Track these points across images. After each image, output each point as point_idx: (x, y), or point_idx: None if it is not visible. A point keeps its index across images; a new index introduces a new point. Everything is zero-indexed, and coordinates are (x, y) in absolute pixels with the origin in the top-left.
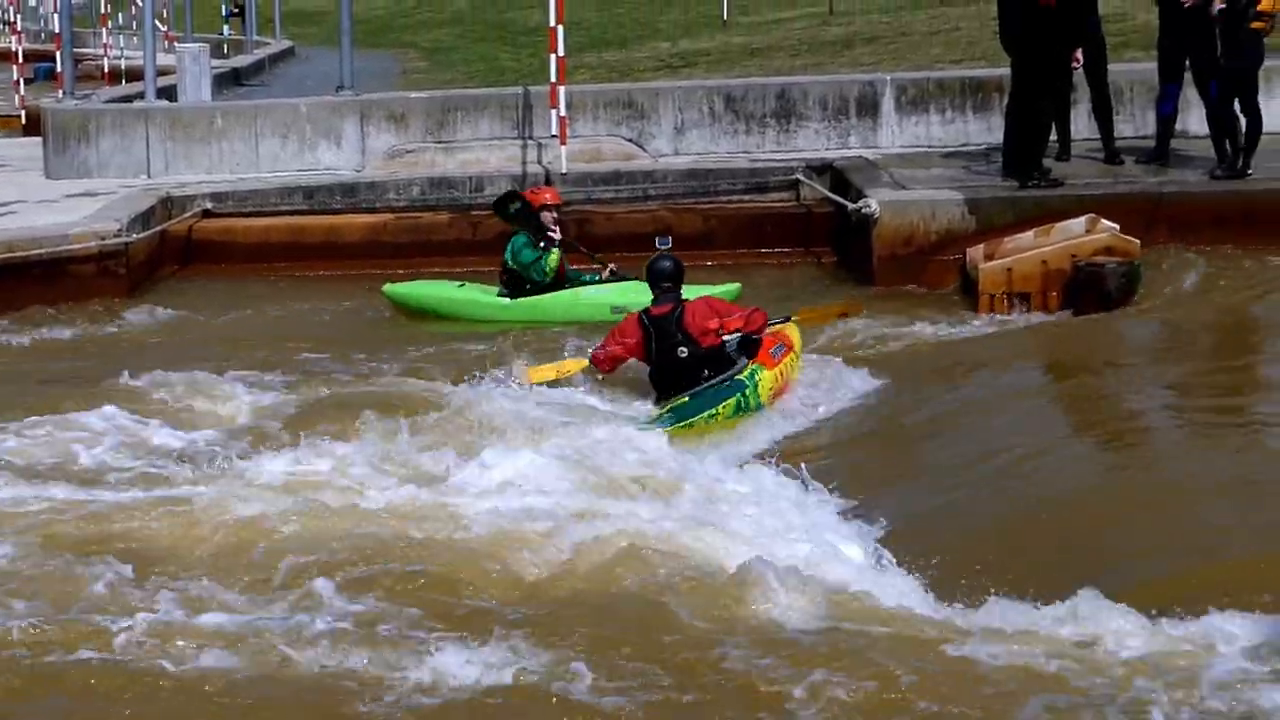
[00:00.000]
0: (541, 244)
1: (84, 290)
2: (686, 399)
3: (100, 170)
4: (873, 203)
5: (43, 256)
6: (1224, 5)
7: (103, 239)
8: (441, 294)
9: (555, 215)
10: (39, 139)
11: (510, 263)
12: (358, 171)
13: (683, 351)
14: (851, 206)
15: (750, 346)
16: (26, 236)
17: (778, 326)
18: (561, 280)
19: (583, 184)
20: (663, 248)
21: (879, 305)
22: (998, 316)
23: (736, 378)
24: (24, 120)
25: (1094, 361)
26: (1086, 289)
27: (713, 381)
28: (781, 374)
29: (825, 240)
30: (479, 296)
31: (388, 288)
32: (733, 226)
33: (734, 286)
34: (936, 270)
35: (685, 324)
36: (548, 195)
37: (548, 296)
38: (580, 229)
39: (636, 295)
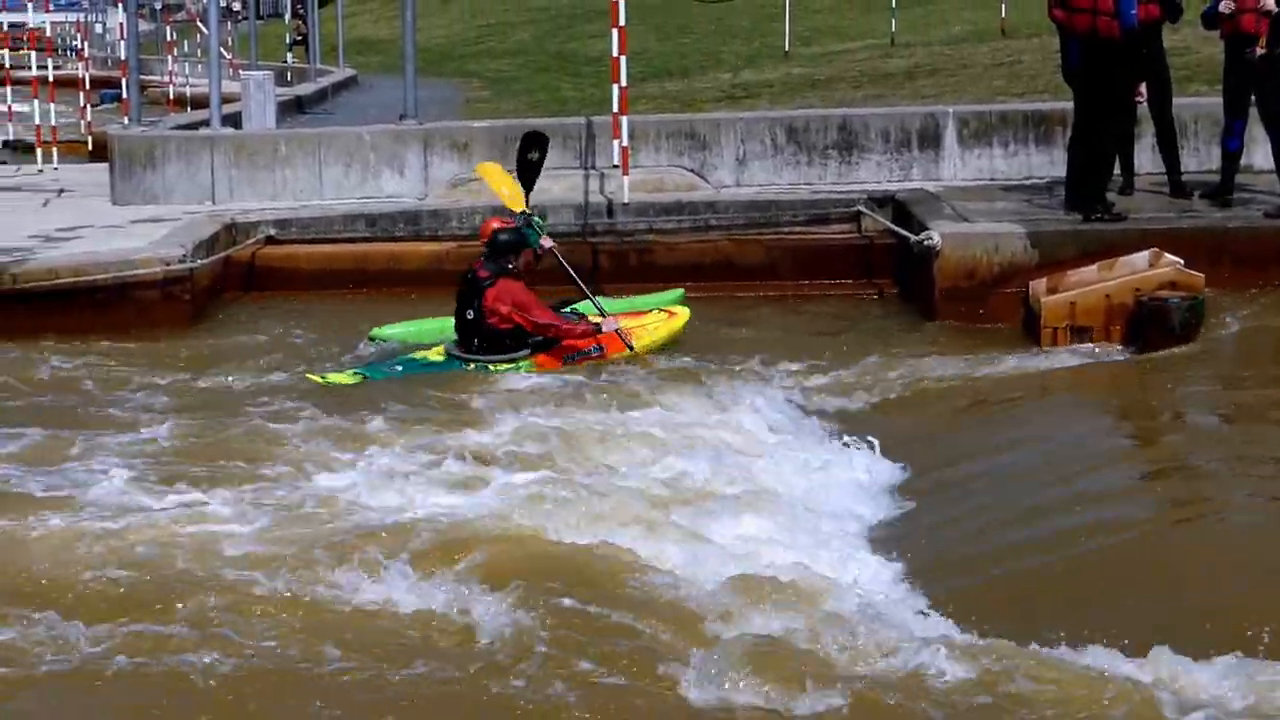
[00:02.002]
0: None
1: (148, 316)
2: (444, 359)
3: (166, 196)
4: (935, 235)
5: (108, 281)
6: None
7: (167, 265)
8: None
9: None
10: (105, 165)
11: None
12: (420, 199)
13: (469, 314)
14: (913, 239)
15: (546, 345)
16: (92, 261)
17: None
18: None
19: (644, 214)
20: (515, 224)
21: (940, 338)
22: (1060, 350)
23: (489, 364)
24: (90, 146)
25: (1157, 399)
26: (1150, 324)
27: (477, 357)
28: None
29: (887, 272)
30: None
31: (375, 331)
32: (794, 258)
33: (677, 292)
34: (998, 303)
35: (485, 293)
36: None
37: None
38: (641, 259)
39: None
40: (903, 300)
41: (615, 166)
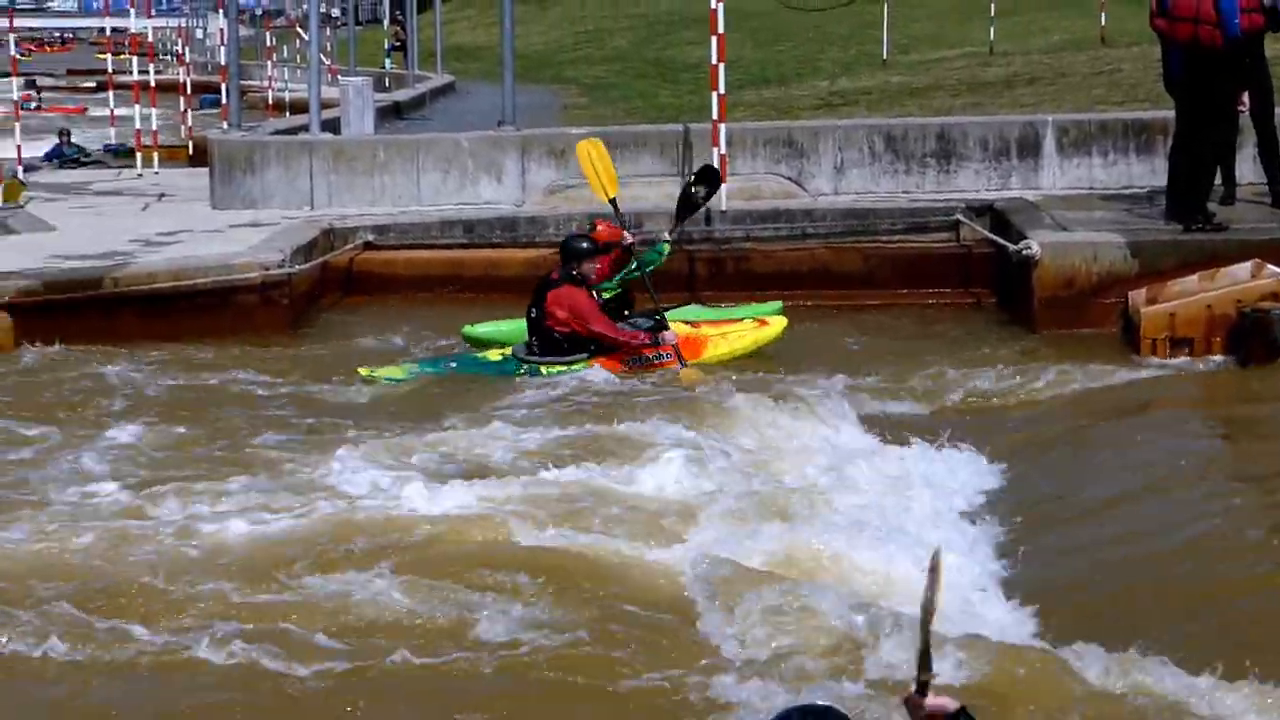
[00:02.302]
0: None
1: (247, 320)
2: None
3: (264, 201)
4: (1034, 244)
5: (207, 286)
6: None
7: (266, 269)
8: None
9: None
10: (204, 169)
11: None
12: (518, 206)
13: (532, 313)
14: (1012, 248)
15: (605, 353)
16: (192, 266)
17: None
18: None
19: (741, 222)
20: (584, 230)
21: (1038, 348)
22: (1159, 361)
23: (542, 366)
24: (190, 151)
25: (1259, 412)
26: (1252, 336)
27: (532, 359)
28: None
29: (985, 282)
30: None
31: (466, 329)
32: (892, 266)
33: (774, 305)
34: (1097, 313)
35: (547, 295)
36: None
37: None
38: (737, 267)
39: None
40: (1001, 310)
41: None
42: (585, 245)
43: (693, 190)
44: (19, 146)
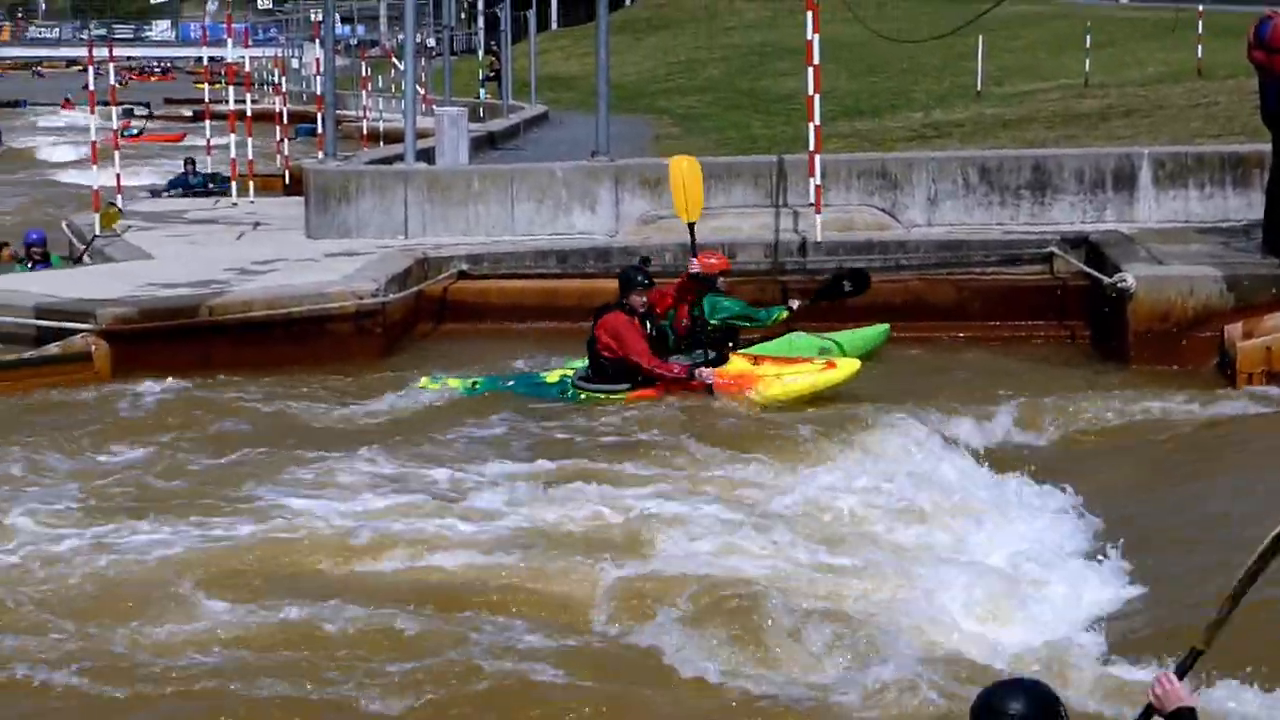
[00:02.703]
0: None
1: (341, 349)
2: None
3: (359, 230)
4: (1129, 277)
5: (302, 314)
6: None
7: (360, 298)
8: None
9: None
10: (300, 198)
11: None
12: (611, 236)
13: (590, 339)
14: (1107, 281)
15: (648, 384)
16: (287, 294)
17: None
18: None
19: (835, 253)
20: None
21: (1133, 381)
22: (1256, 394)
23: (585, 393)
24: (286, 180)
25: None
26: None
27: (582, 383)
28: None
29: (1079, 315)
30: None
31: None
32: (985, 299)
33: (882, 329)
34: (1193, 347)
35: (598, 323)
36: (714, 259)
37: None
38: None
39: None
40: (1095, 343)
41: (808, 205)
42: (635, 277)
43: (844, 284)
44: (118, 175)
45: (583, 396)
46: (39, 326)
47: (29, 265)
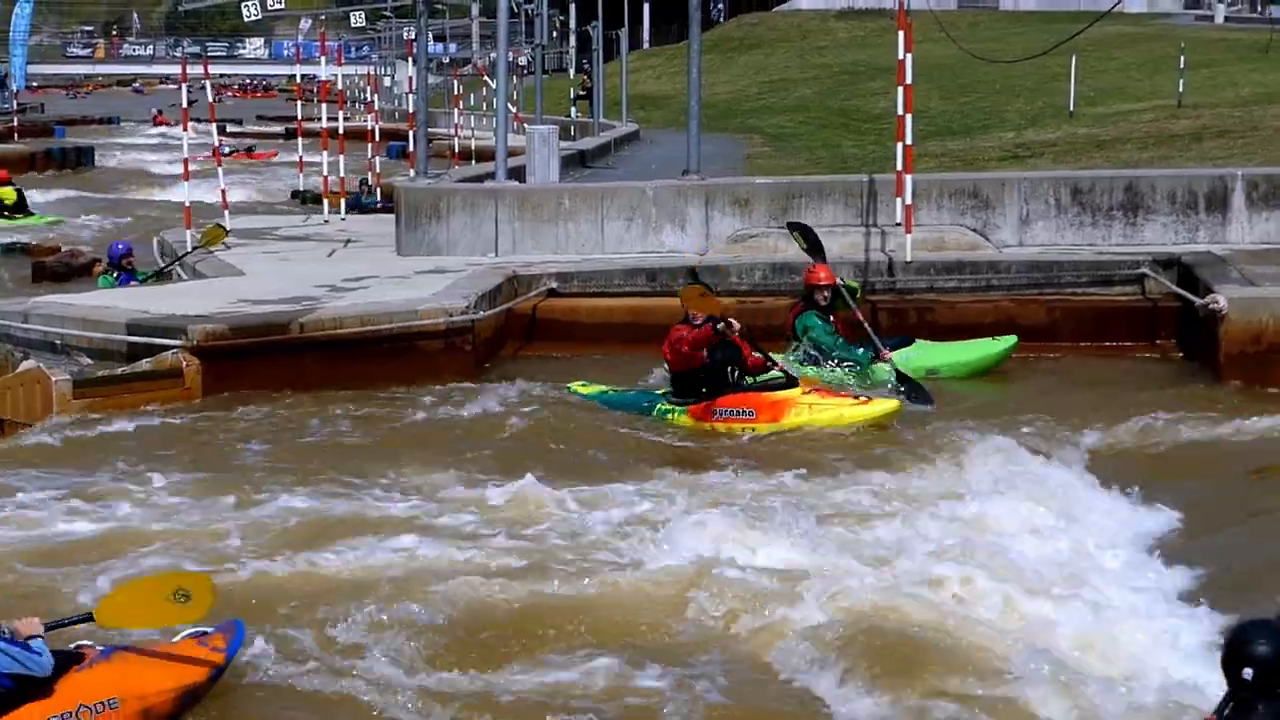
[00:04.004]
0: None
1: (431, 366)
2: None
3: (450, 248)
4: (1221, 299)
5: (393, 331)
6: None
7: (451, 316)
8: None
9: (827, 294)
10: (390, 216)
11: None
12: (701, 254)
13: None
14: (1199, 302)
15: (709, 397)
16: (378, 311)
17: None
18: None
19: (925, 272)
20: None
21: (1226, 402)
22: None
23: (662, 407)
24: (378, 198)
25: None
26: None
27: (655, 394)
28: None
29: (1171, 335)
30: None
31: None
32: (1076, 319)
33: (1009, 340)
34: None
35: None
36: (822, 275)
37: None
38: (921, 318)
39: (940, 357)
40: (1186, 364)
41: (898, 224)
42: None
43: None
44: (224, 191)
45: (654, 411)
46: (130, 343)
47: (115, 277)
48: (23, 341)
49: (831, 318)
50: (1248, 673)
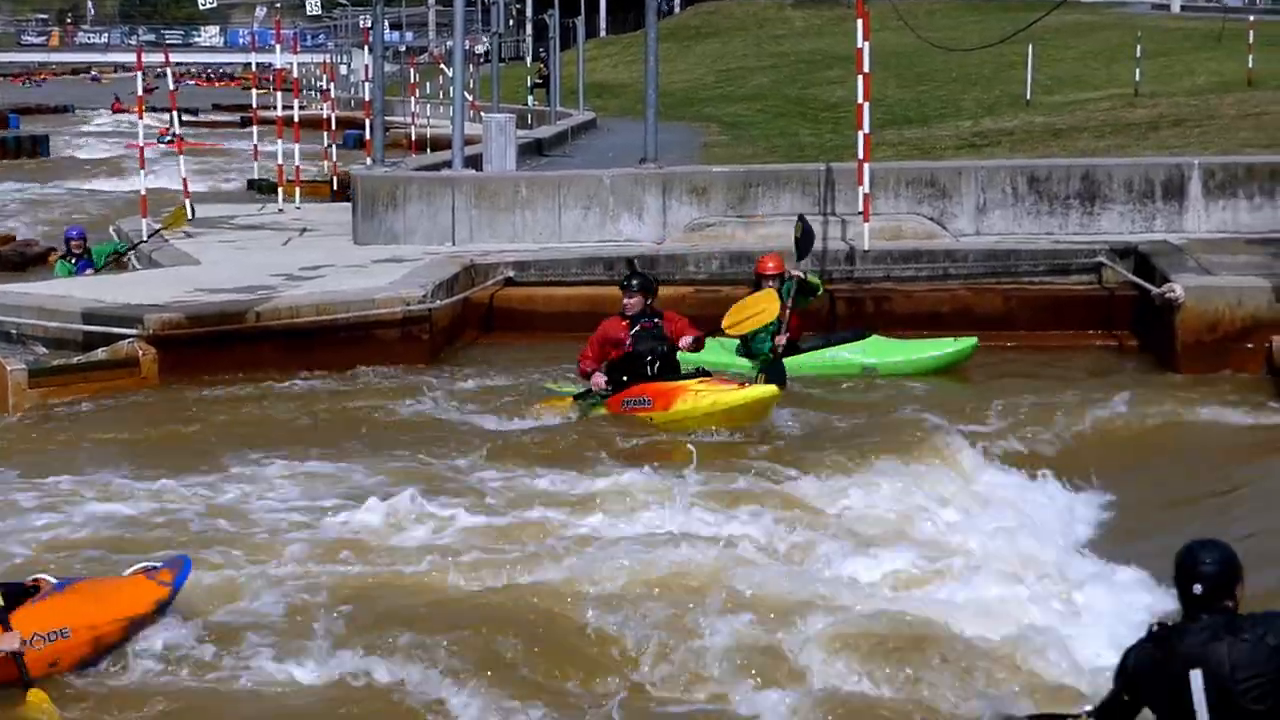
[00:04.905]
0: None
1: (387, 354)
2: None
3: (407, 237)
4: (1177, 288)
5: (350, 320)
6: None
7: (408, 304)
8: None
9: (774, 284)
10: (347, 204)
11: None
12: (658, 244)
13: None
14: (1155, 291)
15: (623, 387)
16: (334, 300)
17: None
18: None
19: (883, 261)
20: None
21: (1180, 392)
22: None
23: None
24: (333, 186)
25: None
26: None
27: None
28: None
29: (1127, 324)
30: (716, 355)
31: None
32: (1033, 308)
33: (970, 341)
34: (1241, 358)
35: None
36: (771, 264)
37: (801, 358)
38: (878, 306)
39: (886, 354)
40: (1142, 353)
41: (857, 213)
42: (622, 280)
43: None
44: (185, 179)
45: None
46: (86, 331)
47: (72, 262)
48: None
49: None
50: (1197, 588)
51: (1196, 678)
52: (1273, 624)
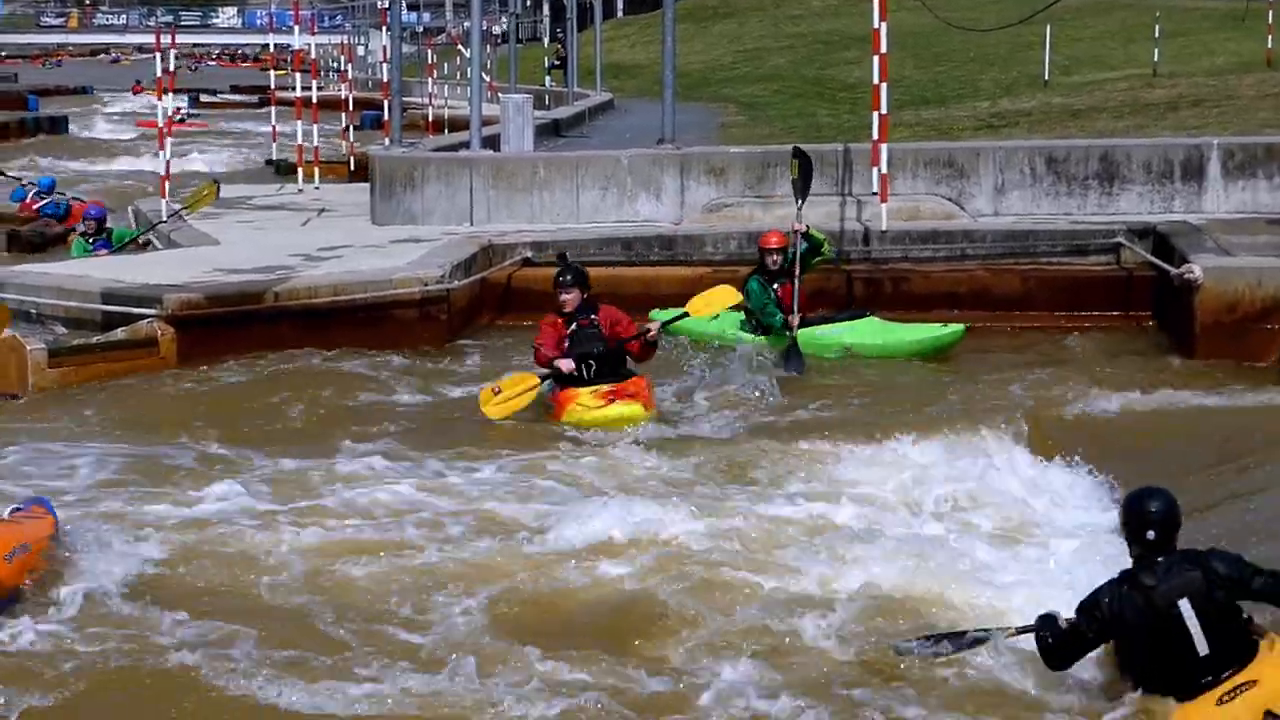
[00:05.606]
0: (775, 288)
1: (406, 334)
2: None
3: (425, 217)
4: (1196, 269)
5: (368, 300)
6: None
7: (425, 285)
8: (696, 324)
9: (777, 259)
10: (365, 185)
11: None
12: (676, 224)
13: None
14: (1174, 271)
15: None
16: (352, 280)
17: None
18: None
19: (900, 242)
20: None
21: (1199, 373)
22: None
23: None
24: (351, 166)
25: None
26: None
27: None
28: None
29: (1146, 305)
30: (727, 329)
31: (654, 314)
32: (1051, 288)
33: (957, 328)
34: (1260, 339)
35: None
36: (773, 239)
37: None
38: (896, 287)
39: (868, 335)
40: (1161, 334)
41: (873, 194)
42: (555, 275)
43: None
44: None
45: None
46: (106, 312)
47: (89, 242)
48: None
49: (776, 286)
50: (1151, 534)
51: (1186, 605)
52: (1210, 552)
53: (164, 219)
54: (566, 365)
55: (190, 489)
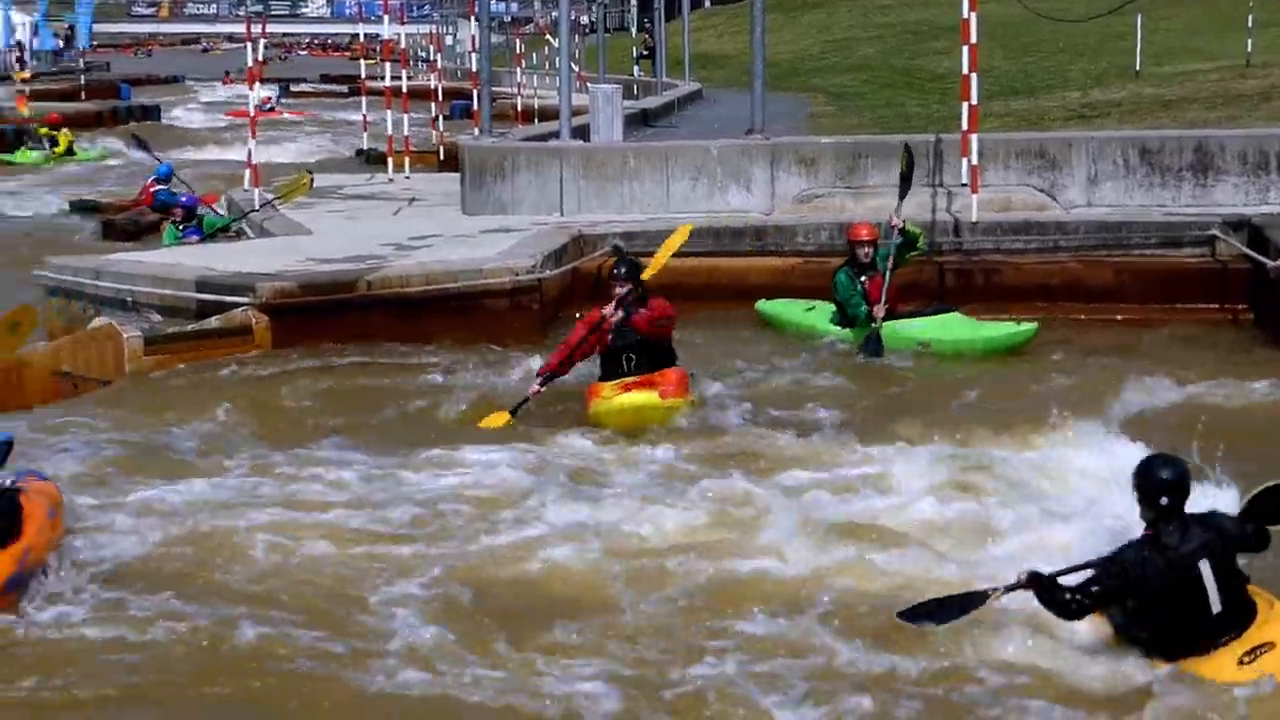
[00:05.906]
0: (864, 280)
1: (498, 325)
2: None
3: (514, 207)
4: None
5: (459, 290)
6: None
7: (516, 275)
8: (791, 314)
9: (868, 251)
10: (454, 174)
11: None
12: (766, 214)
13: None
14: (1271, 264)
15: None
16: (444, 270)
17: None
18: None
19: (992, 233)
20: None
21: None
22: None
23: None
24: (441, 156)
25: None
26: None
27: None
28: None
29: (1241, 298)
30: (818, 321)
31: (759, 304)
32: (1144, 281)
33: (1030, 327)
34: None
35: None
36: (864, 231)
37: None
38: (988, 279)
39: (945, 331)
40: (1257, 327)
41: (964, 185)
42: (613, 269)
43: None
44: (249, 150)
45: None
46: (200, 300)
47: (180, 229)
48: (94, 299)
49: (864, 278)
50: (1164, 500)
51: (1205, 566)
52: (1213, 514)
53: (256, 208)
54: (532, 389)
55: (290, 478)
